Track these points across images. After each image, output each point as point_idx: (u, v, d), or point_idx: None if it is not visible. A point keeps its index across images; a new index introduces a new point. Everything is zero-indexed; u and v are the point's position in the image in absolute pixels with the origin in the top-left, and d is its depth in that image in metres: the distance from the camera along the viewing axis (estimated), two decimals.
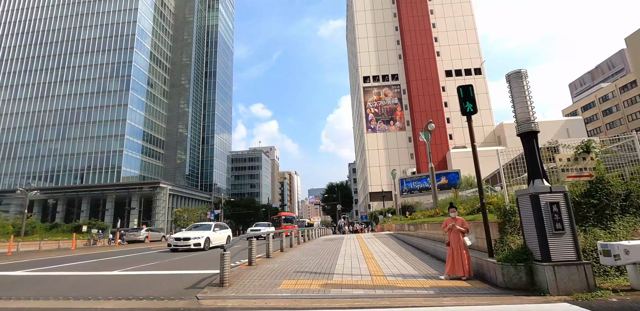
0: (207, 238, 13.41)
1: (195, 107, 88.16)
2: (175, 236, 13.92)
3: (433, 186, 15.08)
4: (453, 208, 5.64)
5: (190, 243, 12.79)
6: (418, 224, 11.86)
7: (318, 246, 11.98)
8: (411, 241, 11.30)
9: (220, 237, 14.76)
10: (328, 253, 8.93)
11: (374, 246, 10.73)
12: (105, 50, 70.52)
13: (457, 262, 5.21)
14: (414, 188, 48.77)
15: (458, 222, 5.42)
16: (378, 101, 57.04)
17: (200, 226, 15.21)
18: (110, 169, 64.29)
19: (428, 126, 14.90)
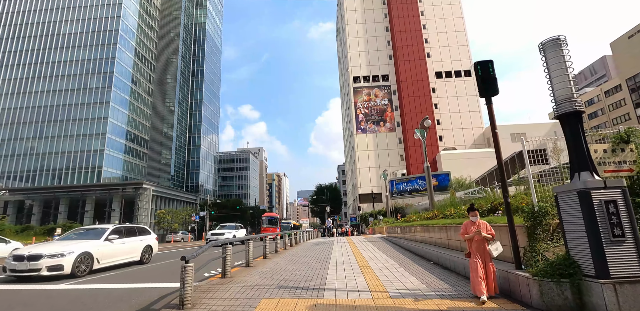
0: None
1: (182, 107, 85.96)
2: None
3: (429, 187, 14.18)
4: (475, 211, 4.56)
5: None
6: (415, 228, 10.87)
7: (306, 251, 10.85)
8: (408, 245, 10.28)
9: None
10: (317, 260, 7.82)
11: (368, 252, 9.66)
12: (87, 46, 67.99)
13: (488, 278, 4.16)
14: (403, 190, 48.01)
15: (481, 227, 4.38)
16: (368, 101, 56.37)
17: None
18: (91, 169, 61.73)
19: (424, 122, 14.00)
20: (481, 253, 4.29)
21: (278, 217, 37.51)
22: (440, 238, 7.94)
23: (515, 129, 50.67)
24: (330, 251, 10.61)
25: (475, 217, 4.50)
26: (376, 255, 8.85)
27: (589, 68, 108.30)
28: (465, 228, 4.52)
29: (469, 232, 4.44)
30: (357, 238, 19.94)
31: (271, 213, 41.49)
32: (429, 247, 8.19)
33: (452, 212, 9.35)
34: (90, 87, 65.47)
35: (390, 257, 8.50)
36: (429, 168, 14.16)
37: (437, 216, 10.63)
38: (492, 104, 5.02)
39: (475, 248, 4.35)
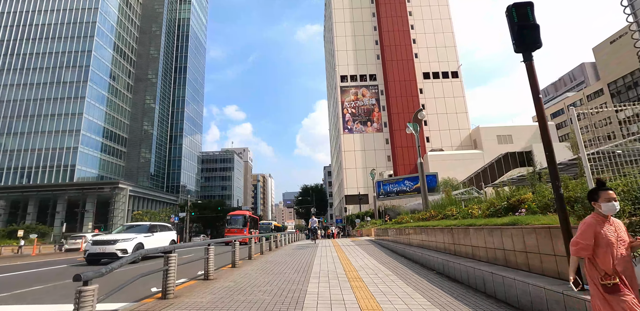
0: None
1: (163, 104, 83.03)
2: None
3: (422, 185, 12.98)
4: (609, 191, 2.40)
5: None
6: (409, 230, 9.58)
7: (285, 257, 9.40)
8: (403, 250, 8.97)
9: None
10: (296, 269, 6.40)
11: (357, 258, 8.30)
12: (62, 38, 64.66)
13: None
14: (390, 191, 47.05)
15: (620, 229, 2.37)
16: (355, 101, 55.37)
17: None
18: (63, 168, 58.42)
19: (418, 115, 12.82)
20: (630, 278, 2.24)
21: (249, 216, 29.43)
22: (444, 242, 6.66)
23: (501, 131, 50.60)
24: (314, 256, 9.20)
25: (613, 205, 2.32)
26: (367, 262, 7.49)
27: (569, 75, 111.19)
28: (591, 230, 2.32)
29: (602, 239, 2.27)
30: (343, 240, 18.58)
31: (240, 211, 33.23)
32: (429, 253, 6.90)
33: (453, 212, 8.11)
34: (65, 81, 62.19)
35: (383, 264, 7.16)
36: (422, 165, 12.98)
37: (434, 216, 9.38)
38: (532, 61, 3.74)
39: (621, 270, 2.22)
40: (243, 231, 26.29)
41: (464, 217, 7.16)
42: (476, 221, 5.56)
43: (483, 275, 4.38)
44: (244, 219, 27.78)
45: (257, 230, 31.57)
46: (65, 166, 58.45)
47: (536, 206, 4.85)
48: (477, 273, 4.55)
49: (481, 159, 47.17)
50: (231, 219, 27.93)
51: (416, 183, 46.21)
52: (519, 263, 4.14)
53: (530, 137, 49.79)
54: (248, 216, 29.03)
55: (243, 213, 29.84)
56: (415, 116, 12.96)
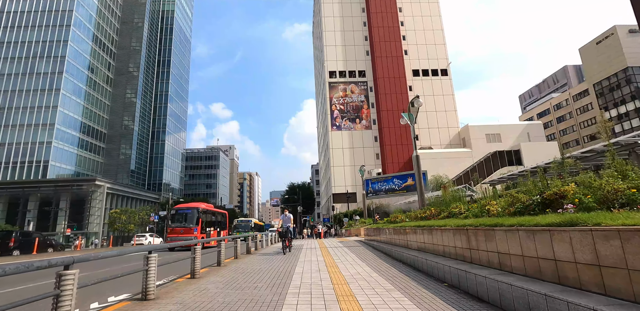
0: None
1: (145, 99, 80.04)
2: None
3: (419, 181, 11.75)
4: None
5: None
6: (407, 230, 8.30)
7: (263, 262, 7.98)
8: (400, 254, 7.68)
9: None
10: (271, 282, 5.00)
11: (348, 265, 6.95)
12: (36, 26, 61.24)
13: None
14: (379, 190, 46.09)
15: None
16: (344, 97, 54.17)
17: None
18: (35, 164, 55.29)
19: (415, 103, 11.57)
20: None
21: (204, 209, 21.37)
22: (454, 246, 5.39)
23: (490, 130, 50.29)
24: (296, 261, 7.82)
25: None
26: (359, 270, 6.15)
27: (552, 77, 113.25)
28: None
29: None
30: (331, 241, 17.19)
31: (192, 204, 22.99)
32: (435, 259, 5.62)
33: (461, 209, 6.86)
34: (39, 73, 58.90)
35: (379, 273, 5.84)
36: (418, 158, 11.75)
37: (435, 215, 8.13)
38: None
39: None
40: (192, 231, 18.75)
41: (476, 215, 5.91)
42: (502, 220, 4.29)
43: (527, 295, 3.09)
44: (194, 214, 19.53)
45: (225, 230, 24.75)
46: (38, 162, 55.34)
47: (592, 201, 3.60)
48: (517, 293, 3.26)
49: (470, 158, 46.69)
50: (177, 215, 19.87)
51: (405, 181, 45.31)
52: (584, 282, 2.87)
53: (519, 136, 49.68)
54: (202, 210, 20.41)
55: (195, 206, 20.85)
56: (411, 104, 11.71)
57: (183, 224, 19.41)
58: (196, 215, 19.69)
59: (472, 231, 4.80)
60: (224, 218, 25.37)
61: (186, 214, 19.95)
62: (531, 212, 4.38)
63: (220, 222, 24.12)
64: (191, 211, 20.00)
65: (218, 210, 25.48)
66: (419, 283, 4.91)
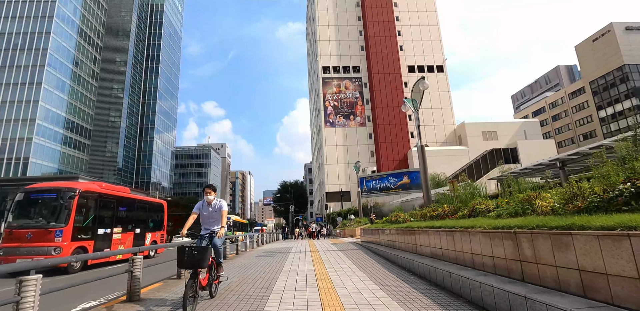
0: None
1: (133, 94, 77.56)
2: None
3: (424, 175, 10.29)
4: None
5: None
6: (418, 232, 6.82)
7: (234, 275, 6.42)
8: (409, 263, 6.18)
9: None
10: None
11: (344, 278, 5.44)
12: (17, 17, 58.50)
13: None
14: (374, 188, 44.79)
15: None
16: (338, 93, 52.68)
17: None
18: (15, 161, 52.71)
19: (420, 85, 10.10)
20: None
21: (85, 193, 10.91)
22: (493, 255, 3.91)
23: (486, 127, 49.30)
24: (278, 272, 6.29)
25: None
26: (359, 286, 4.63)
27: (544, 77, 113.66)
28: None
29: None
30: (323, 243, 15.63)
31: (54, 183, 11.78)
32: (464, 273, 4.13)
33: (489, 206, 5.39)
34: (19, 65, 56.20)
35: (387, 291, 4.33)
36: (423, 148, 10.29)
37: (450, 213, 6.67)
38: None
39: None
40: (52, 236, 9.57)
41: (515, 213, 4.44)
42: (581, 220, 2.82)
43: None
44: (58, 202, 10.12)
45: (160, 230, 16.24)
46: (17, 159, 52.78)
47: None
48: None
49: (466, 156, 45.61)
50: (23, 203, 10.61)
51: (400, 179, 43.98)
52: None
53: (515, 134, 48.78)
54: (86, 193, 10.88)
55: (61, 186, 10.84)
56: (415, 86, 10.24)
57: (35, 221, 10.13)
58: (58, 204, 10.25)
59: (526, 235, 3.33)
60: (158, 213, 16.60)
61: (42, 200, 10.68)
62: (623, 208, 2.91)
63: (150, 220, 15.52)
64: (51, 198, 10.50)
65: (143, 198, 16.13)
66: (446, 309, 3.42)
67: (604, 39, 54.89)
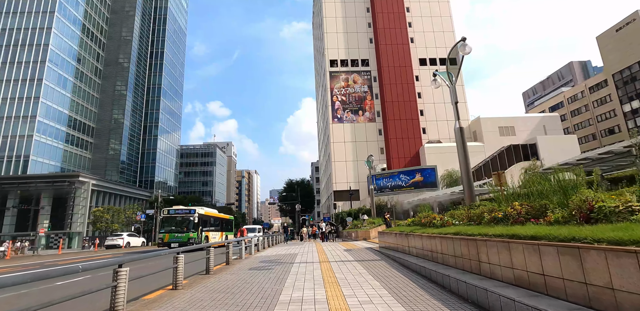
0: None
1: (137, 92, 76.21)
2: None
3: (465, 166, 8.06)
4: None
5: None
6: (487, 241, 4.56)
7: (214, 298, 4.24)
8: (482, 295, 3.90)
9: None
10: None
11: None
12: (18, 13, 57.44)
13: None
14: (384, 186, 42.50)
15: None
16: (346, 87, 50.39)
17: None
18: (15, 159, 51.57)
19: (460, 49, 7.73)
20: None
21: None
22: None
23: (503, 122, 46.53)
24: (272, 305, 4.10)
25: None
26: None
27: (557, 73, 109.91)
28: None
29: None
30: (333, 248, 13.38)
31: None
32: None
33: (633, 203, 3.12)
34: (20, 61, 55.10)
35: None
36: (462, 131, 8.06)
37: (531, 215, 4.42)
38: None
39: None
40: None
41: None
42: None
43: None
44: None
45: None
46: (17, 157, 51.61)
47: None
48: None
49: (482, 152, 42.92)
50: None
51: (413, 177, 41.43)
52: None
53: (534, 130, 45.95)
54: None
55: None
56: (452, 51, 7.98)
57: None
58: None
59: None
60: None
61: None
62: None
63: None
64: None
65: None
66: None
67: (628, 28, 51.59)
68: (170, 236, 18.88)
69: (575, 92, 63.88)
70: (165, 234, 19.36)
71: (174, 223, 19.76)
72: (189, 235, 18.77)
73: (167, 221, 20.05)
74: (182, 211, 20.29)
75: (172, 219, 19.91)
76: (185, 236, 18.63)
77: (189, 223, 19.51)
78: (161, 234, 19.90)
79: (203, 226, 20.82)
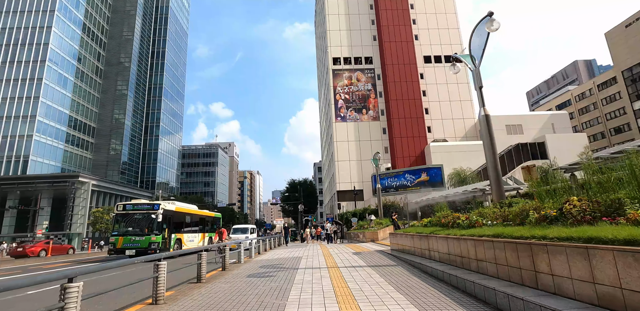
0: None
1: (138, 91, 75.62)
2: None
3: (492, 160, 7.09)
4: None
5: None
6: (548, 247, 3.59)
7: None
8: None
9: None
10: None
11: None
12: (18, 12, 56.96)
13: None
14: (389, 186, 41.44)
15: None
16: (349, 86, 49.43)
17: None
18: (15, 159, 51.00)
19: (486, 26, 6.82)
20: None
21: None
22: None
23: (511, 121, 45.39)
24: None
25: None
26: None
27: (561, 72, 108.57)
28: None
29: None
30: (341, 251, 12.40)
31: None
32: None
33: None
34: (19, 61, 54.59)
35: None
36: (488, 118, 7.11)
37: (603, 212, 3.47)
38: None
39: None
40: None
41: None
42: None
43: None
44: None
45: None
46: (17, 157, 51.03)
47: None
48: None
49: None
50: None
51: (418, 177, 40.29)
52: None
53: (542, 128, 44.79)
54: None
55: None
56: (479, 25, 7.04)
57: None
58: None
59: None
60: None
61: None
62: None
63: None
64: None
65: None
66: None
67: (639, 23, 50.35)
68: (125, 241, 14.89)
69: (583, 89, 62.56)
70: (119, 237, 15.13)
71: (131, 222, 15.65)
72: (150, 239, 14.82)
73: (122, 220, 15.82)
74: (142, 206, 16.18)
75: (129, 217, 15.73)
76: (145, 240, 14.77)
77: (151, 222, 15.30)
78: (113, 238, 15.51)
79: (176, 227, 17.21)
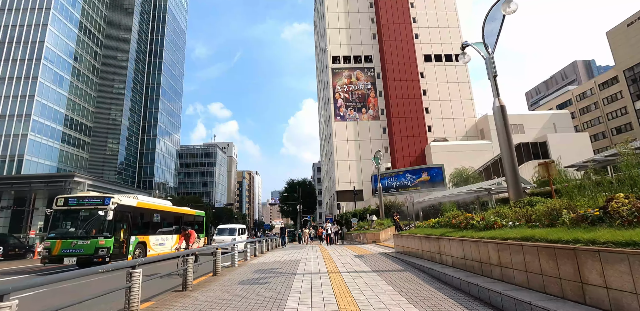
0: None
1: (135, 91, 74.86)
2: None
3: (509, 156, 6.47)
4: None
5: None
6: (603, 252, 2.97)
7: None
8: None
9: None
10: None
11: None
12: (13, 9, 56.12)
13: None
14: (389, 186, 41.00)
15: None
16: (349, 85, 48.87)
17: None
18: (9, 158, 50.20)
19: (503, 8, 6.20)
20: None
21: None
22: None
23: (512, 120, 44.25)
24: None
25: None
26: None
27: (560, 73, 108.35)
28: None
29: None
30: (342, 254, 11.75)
31: None
32: None
33: None
34: (14, 59, 53.78)
35: None
36: (503, 109, 6.53)
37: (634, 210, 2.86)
38: None
39: None
40: None
41: None
42: None
43: None
44: None
45: None
46: (11, 156, 50.22)
47: None
48: None
49: (490, 151, 41.33)
50: None
51: (419, 176, 39.77)
52: None
53: (544, 127, 44.33)
54: None
55: None
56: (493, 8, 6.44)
57: None
58: None
59: None
60: None
61: None
62: None
63: None
64: None
65: None
66: None
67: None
68: (64, 245, 11.36)
69: (584, 89, 62.15)
70: (56, 241, 11.53)
71: (75, 221, 12.06)
72: (97, 243, 11.30)
73: (62, 218, 12.23)
74: (89, 200, 12.28)
75: (71, 214, 12.10)
76: (91, 244, 11.26)
77: (98, 221, 11.63)
78: (49, 242, 11.74)
79: (139, 228, 13.73)
